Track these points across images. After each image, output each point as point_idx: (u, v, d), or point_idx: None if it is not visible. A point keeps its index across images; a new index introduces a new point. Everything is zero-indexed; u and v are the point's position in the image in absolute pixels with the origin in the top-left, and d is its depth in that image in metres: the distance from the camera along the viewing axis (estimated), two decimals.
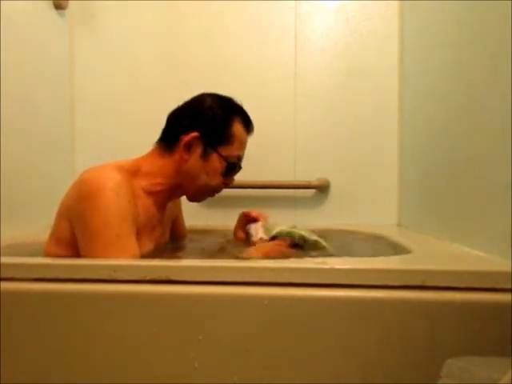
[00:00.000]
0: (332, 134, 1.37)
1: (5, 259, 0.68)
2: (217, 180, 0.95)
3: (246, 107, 1.00)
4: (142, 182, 0.89)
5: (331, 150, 1.37)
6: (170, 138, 0.93)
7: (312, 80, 1.38)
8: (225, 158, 0.93)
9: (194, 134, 0.90)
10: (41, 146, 1.23)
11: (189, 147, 0.91)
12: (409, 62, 1.28)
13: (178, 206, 1.12)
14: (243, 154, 0.99)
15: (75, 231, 0.79)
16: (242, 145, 0.97)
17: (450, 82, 0.94)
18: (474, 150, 0.81)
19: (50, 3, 1.28)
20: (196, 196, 0.99)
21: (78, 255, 0.79)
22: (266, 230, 1.00)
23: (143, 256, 0.82)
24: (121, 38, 1.42)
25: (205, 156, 0.92)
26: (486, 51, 0.77)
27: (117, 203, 0.76)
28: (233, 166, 0.96)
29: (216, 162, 0.93)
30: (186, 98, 0.97)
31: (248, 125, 0.98)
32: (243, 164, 1.01)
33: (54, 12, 1.29)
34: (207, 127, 0.91)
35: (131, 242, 0.78)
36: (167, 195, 0.95)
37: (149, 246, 0.88)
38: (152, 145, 0.95)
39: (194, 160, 0.91)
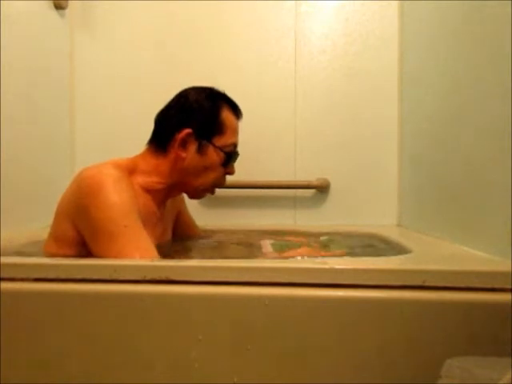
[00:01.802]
0: (332, 134, 1.37)
1: (5, 259, 0.68)
2: (217, 172, 0.95)
3: (247, 107, 1.00)
4: (140, 180, 0.89)
5: (331, 150, 1.37)
6: (162, 138, 0.93)
7: (312, 80, 1.38)
8: (221, 149, 0.93)
9: (187, 130, 0.90)
10: (41, 146, 1.23)
11: (184, 144, 0.90)
12: (409, 62, 1.28)
13: (180, 201, 1.12)
14: (237, 141, 0.99)
15: (80, 229, 0.79)
16: (235, 131, 0.97)
17: (450, 82, 0.94)
18: (474, 150, 0.81)
19: (50, 3, 1.27)
20: (198, 192, 0.99)
21: (77, 254, 0.79)
22: (273, 245, 0.99)
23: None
24: (121, 37, 1.42)
25: (201, 150, 0.92)
26: (486, 51, 0.77)
27: (119, 197, 0.76)
28: (231, 155, 0.96)
29: (213, 155, 0.93)
30: None
31: (236, 110, 0.98)
32: (244, 163, 1.01)
33: (54, 12, 1.29)
34: (198, 121, 0.91)
35: (141, 230, 0.77)
36: (165, 194, 0.95)
37: (153, 242, 0.88)
38: None
39: (191, 156, 0.91)
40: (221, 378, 0.61)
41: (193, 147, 0.91)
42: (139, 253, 0.73)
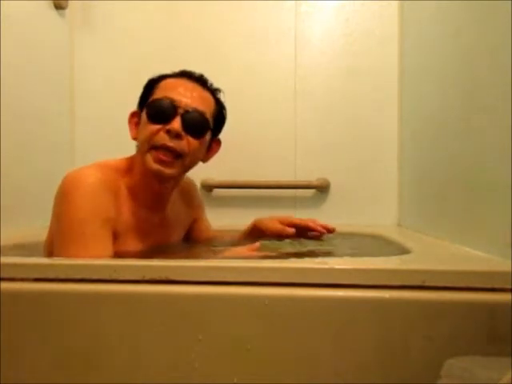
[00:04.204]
0: (332, 134, 1.37)
1: (5, 259, 0.68)
2: (146, 131, 0.84)
3: (247, 107, 1.00)
4: (131, 182, 0.86)
5: (331, 150, 1.37)
6: None
7: (312, 80, 1.37)
8: (147, 105, 0.87)
9: (134, 110, 0.91)
10: (41, 146, 1.23)
11: (133, 124, 0.91)
12: (409, 62, 1.28)
13: (197, 208, 1.09)
14: (174, 96, 0.85)
15: (51, 229, 0.81)
16: (166, 88, 0.88)
17: (449, 82, 0.94)
18: (473, 150, 0.81)
19: (50, 3, 1.28)
20: (151, 160, 0.83)
21: None
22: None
23: (139, 256, 0.81)
24: (121, 37, 1.42)
25: (140, 123, 0.88)
26: (486, 51, 0.77)
27: (88, 202, 0.75)
28: (155, 106, 0.85)
29: (143, 115, 0.87)
30: None
31: (174, 73, 0.93)
32: (244, 163, 1.01)
33: (54, 12, 1.29)
34: (141, 99, 0.92)
35: (99, 240, 0.76)
36: (156, 195, 0.89)
37: (138, 247, 0.85)
38: None
39: (136, 133, 0.89)
40: (221, 378, 0.61)
41: (136, 124, 0.90)
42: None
